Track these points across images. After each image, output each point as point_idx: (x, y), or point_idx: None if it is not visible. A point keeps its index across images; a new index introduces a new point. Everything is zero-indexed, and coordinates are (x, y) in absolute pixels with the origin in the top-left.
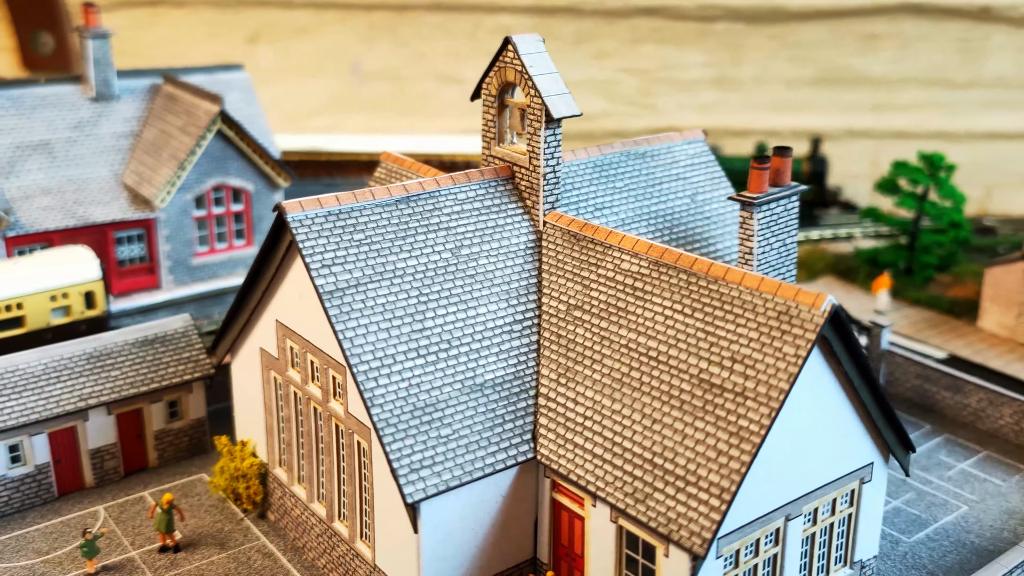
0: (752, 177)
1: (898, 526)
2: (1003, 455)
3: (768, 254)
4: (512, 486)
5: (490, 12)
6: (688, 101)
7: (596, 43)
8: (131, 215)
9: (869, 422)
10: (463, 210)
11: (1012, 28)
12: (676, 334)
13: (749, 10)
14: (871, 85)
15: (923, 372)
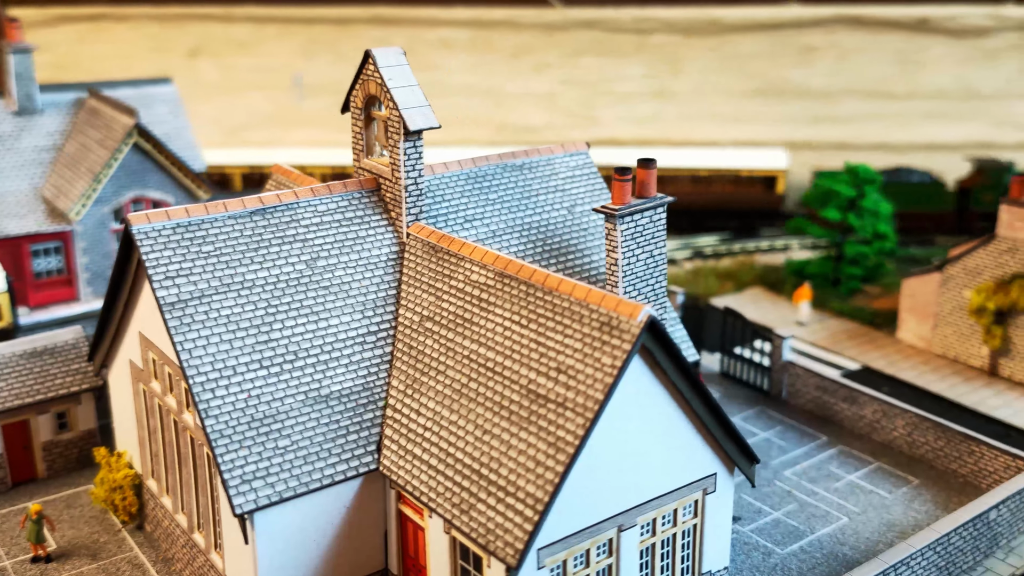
0: (614, 189)
1: (774, 537)
2: (894, 467)
3: (635, 266)
4: (357, 497)
5: (429, 26)
6: (628, 113)
7: (536, 56)
8: (47, 228)
9: (709, 434)
10: (323, 222)
11: (950, 39)
12: (512, 345)
13: (685, 22)
14: (810, 97)
15: (821, 383)
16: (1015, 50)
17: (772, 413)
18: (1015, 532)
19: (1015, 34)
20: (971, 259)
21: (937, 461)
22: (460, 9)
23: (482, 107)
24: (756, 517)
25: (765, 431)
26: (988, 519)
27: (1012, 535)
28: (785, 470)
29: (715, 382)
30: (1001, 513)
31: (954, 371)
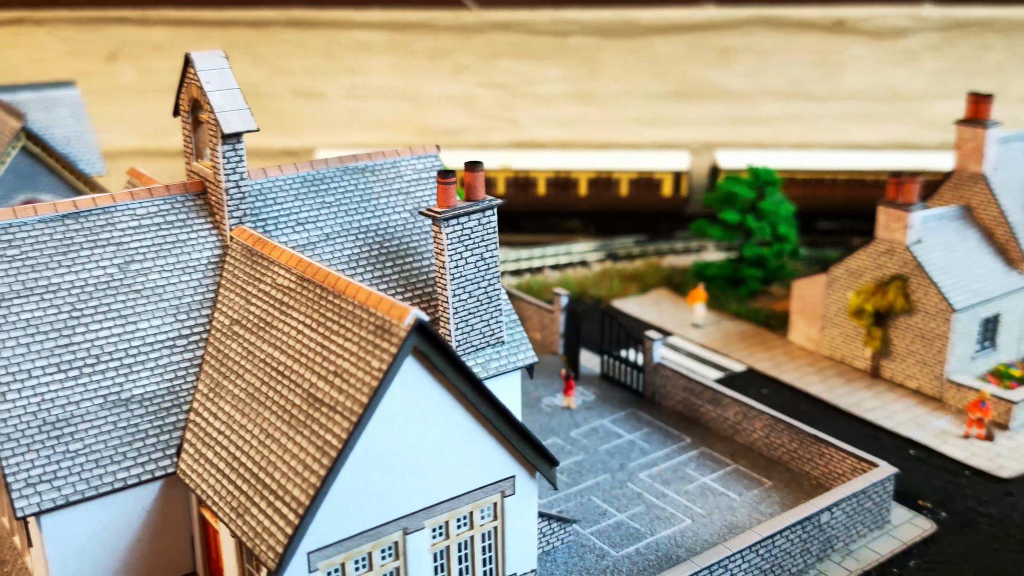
0: (439, 192)
1: (612, 540)
2: (751, 469)
3: (463, 269)
4: (159, 501)
5: (345, 28)
6: (548, 116)
7: (454, 58)
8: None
9: (504, 437)
10: (141, 225)
11: (868, 40)
12: (301, 348)
13: (602, 24)
14: (729, 98)
15: (689, 385)
16: (934, 51)
17: (642, 415)
18: (854, 535)
19: (934, 34)
20: (853, 261)
21: (792, 463)
22: (376, 12)
23: (402, 110)
24: (600, 519)
25: (631, 433)
26: (819, 522)
27: (851, 538)
28: (641, 472)
29: (594, 384)
30: (836, 516)
31: (838, 373)
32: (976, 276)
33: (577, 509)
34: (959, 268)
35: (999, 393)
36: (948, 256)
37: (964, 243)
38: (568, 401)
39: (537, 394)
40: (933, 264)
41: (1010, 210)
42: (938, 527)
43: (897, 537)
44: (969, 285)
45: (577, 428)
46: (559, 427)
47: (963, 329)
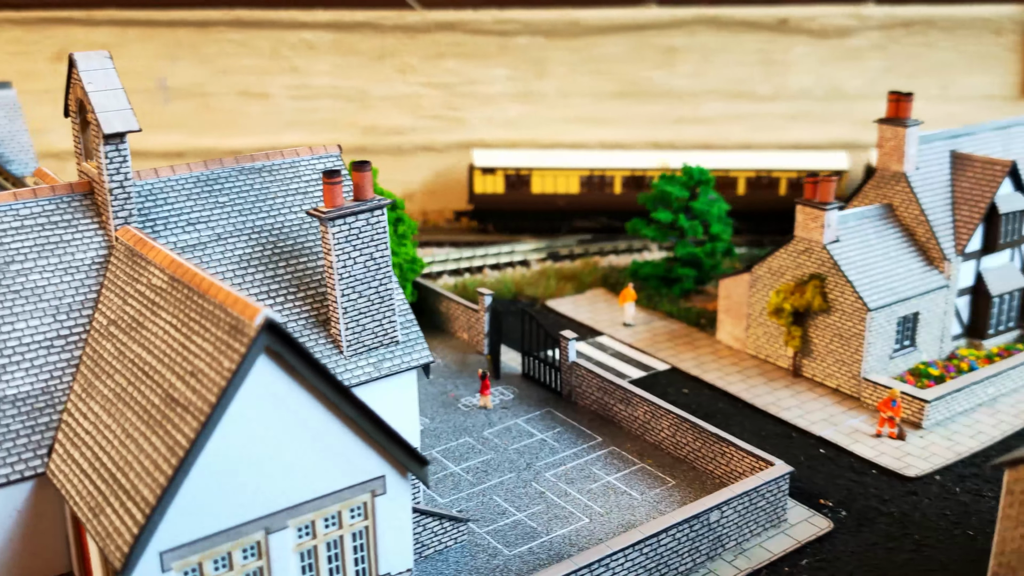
0: (324, 192)
1: (507, 539)
2: (657, 468)
3: (352, 268)
4: (31, 501)
5: (291, 28)
6: (494, 115)
7: (399, 58)
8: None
9: (371, 437)
10: (23, 226)
11: (812, 39)
12: (166, 348)
13: (547, 24)
14: (674, 98)
15: (602, 385)
16: (878, 50)
17: (557, 414)
18: (747, 534)
19: (877, 33)
20: (775, 260)
21: (697, 462)
22: (320, 12)
23: (348, 110)
24: (498, 518)
25: (544, 432)
26: (708, 520)
27: (743, 536)
28: (548, 471)
29: (515, 383)
30: (726, 515)
31: (761, 372)
32: (894, 275)
33: (478, 508)
34: (876, 267)
35: (912, 392)
36: (865, 255)
37: (883, 242)
38: (484, 401)
39: (455, 394)
40: (849, 263)
41: (931, 209)
42: (836, 526)
43: (792, 536)
44: (886, 284)
45: (491, 427)
46: (473, 426)
47: (879, 328)
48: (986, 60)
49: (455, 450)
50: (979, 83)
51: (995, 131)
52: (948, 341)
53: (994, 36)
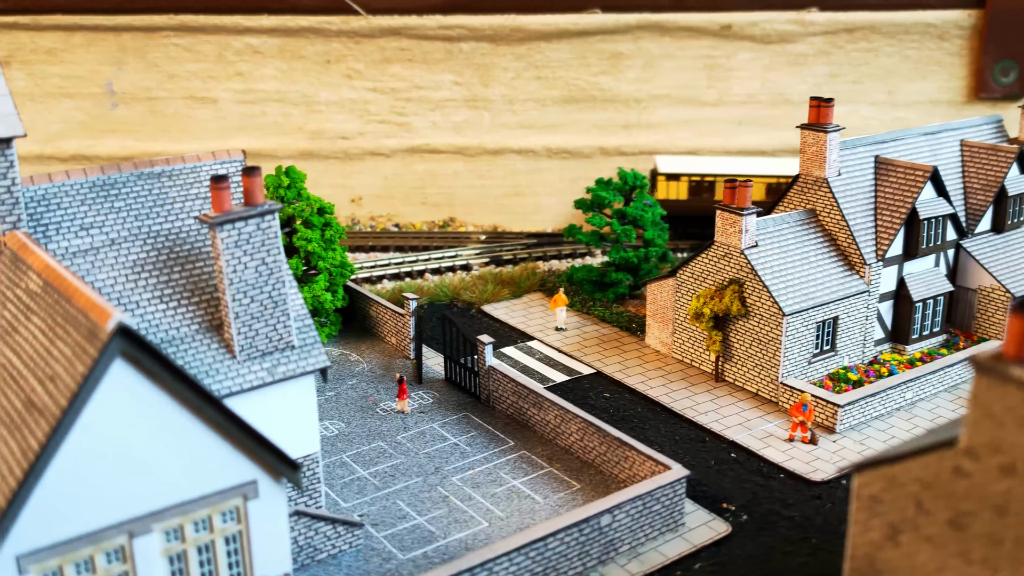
0: (212, 197)
1: (404, 543)
2: (564, 472)
3: (243, 274)
4: None
5: (236, 33)
6: (441, 120)
7: (345, 63)
8: None
9: (239, 441)
10: None
11: (756, 45)
12: (32, 353)
13: (491, 30)
14: (621, 103)
15: (516, 389)
16: (822, 55)
17: (474, 418)
18: (642, 537)
19: (820, 39)
20: (697, 264)
21: (603, 466)
22: (266, 17)
23: (294, 115)
24: (398, 522)
25: (458, 436)
26: (599, 524)
27: (638, 540)
28: (456, 476)
29: (436, 387)
30: (618, 518)
31: (684, 376)
32: (812, 280)
33: (379, 512)
34: (794, 272)
35: (825, 396)
36: (784, 260)
37: (803, 247)
38: (401, 405)
39: (375, 398)
40: (766, 268)
41: (852, 214)
42: (735, 529)
43: (689, 539)
44: (803, 289)
45: (406, 432)
46: (388, 431)
47: (796, 333)
48: (931, 65)
49: (366, 454)
50: (925, 88)
51: (924, 136)
52: (871, 346)
53: (938, 41)
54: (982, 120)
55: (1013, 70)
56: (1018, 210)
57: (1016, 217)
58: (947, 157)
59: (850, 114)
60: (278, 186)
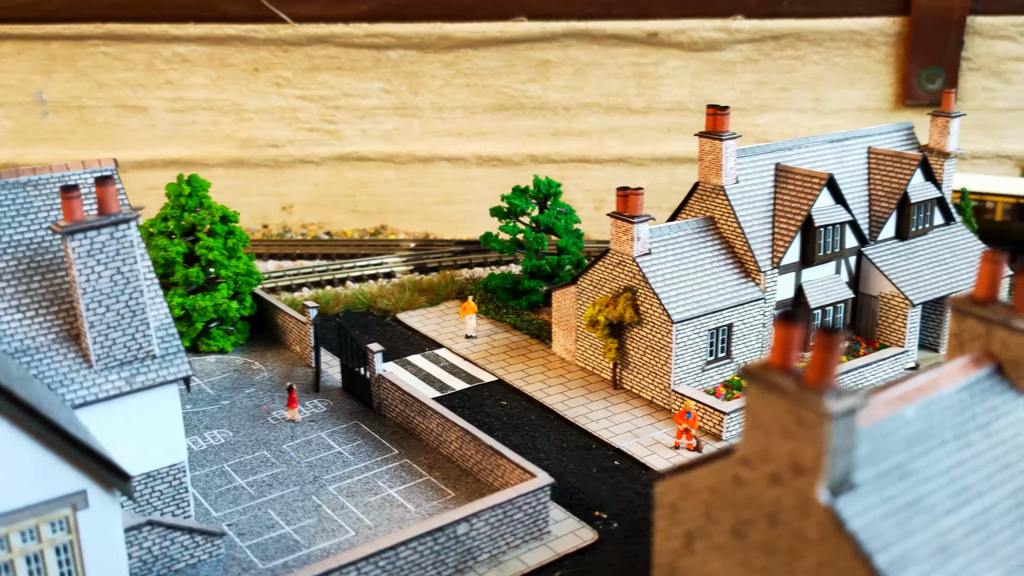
0: (64, 206)
1: (267, 552)
2: (443, 481)
3: (97, 282)
4: None
5: (165, 42)
6: (371, 128)
7: (274, 71)
8: None
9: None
10: None
11: (683, 53)
12: None
13: (418, 38)
14: (549, 111)
15: (403, 398)
16: (749, 63)
17: (363, 427)
18: (503, 546)
19: (747, 47)
20: (595, 272)
21: (480, 475)
22: (192, 26)
23: (224, 123)
24: (265, 532)
25: (343, 445)
26: (456, 533)
27: (499, 549)
28: (333, 485)
29: (333, 396)
30: (476, 527)
31: (584, 384)
32: (705, 287)
33: (249, 522)
34: (687, 280)
35: (712, 403)
36: (677, 268)
37: (698, 255)
38: (292, 414)
39: (268, 407)
40: (657, 276)
41: (749, 222)
42: (603, 537)
43: (553, 548)
44: (695, 296)
45: (293, 440)
46: (275, 440)
47: (686, 340)
48: (858, 72)
49: (248, 463)
50: (853, 95)
51: (830, 144)
52: (768, 352)
53: (864, 48)
54: (893, 127)
55: (939, 77)
56: (922, 217)
57: (920, 224)
58: (853, 164)
59: (779, 121)
60: (179, 195)
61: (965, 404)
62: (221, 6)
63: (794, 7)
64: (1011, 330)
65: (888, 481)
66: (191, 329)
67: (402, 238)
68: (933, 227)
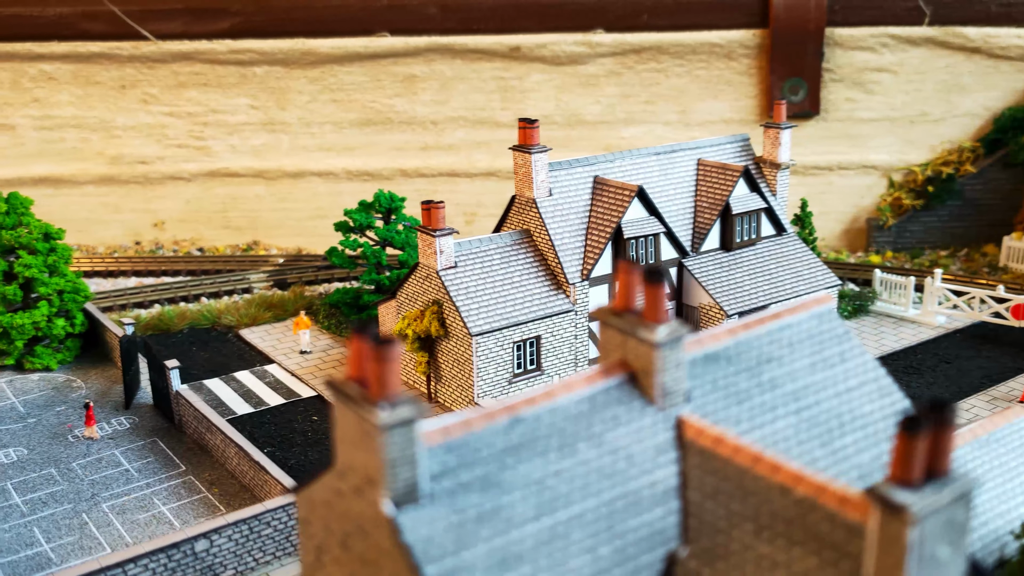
0: None
1: (16, 570)
2: (220, 498)
3: None
4: None
5: (29, 60)
6: (240, 144)
7: (141, 88)
8: None
9: None
10: None
11: (546, 67)
12: None
13: (282, 53)
14: (417, 125)
15: (196, 414)
16: (613, 76)
17: (160, 444)
18: (251, 562)
19: (609, 60)
20: (409, 285)
21: (255, 490)
22: (56, 44)
23: (93, 140)
24: (21, 550)
25: (133, 462)
26: (194, 549)
27: (246, 565)
28: (108, 503)
29: (142, 412)
30: (218, 543)
31: None
32: (511, 300)
33: (10, 540)
34: (492, 292)
35: None
36: (483, 281)
37: (508, 267)
38: (90, 432)
39: (72, 424)
40: (460, 289)
41: (561, 234)
42: None
43: None
44: (498, 309)
45: (85, 458)
46: (67, 457)
47: (488, 353)
48: (721, 84)
49: (31, 481)
50: (717, 107)
51: (655, 156)
52: (584, 364)
53: (726, 61)
54: (728, 139)
55: (801, 88)
56: (747, 228)
57: (746, 235)
58: (679, 176)
59: (645, 134)
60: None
61: (582, 414)
62: (81, 24)
63: (654, 21)
64: (637, 340)
65: (465, 493)
66: (12, 347)
67: (274, 253)
68: (761, 238)
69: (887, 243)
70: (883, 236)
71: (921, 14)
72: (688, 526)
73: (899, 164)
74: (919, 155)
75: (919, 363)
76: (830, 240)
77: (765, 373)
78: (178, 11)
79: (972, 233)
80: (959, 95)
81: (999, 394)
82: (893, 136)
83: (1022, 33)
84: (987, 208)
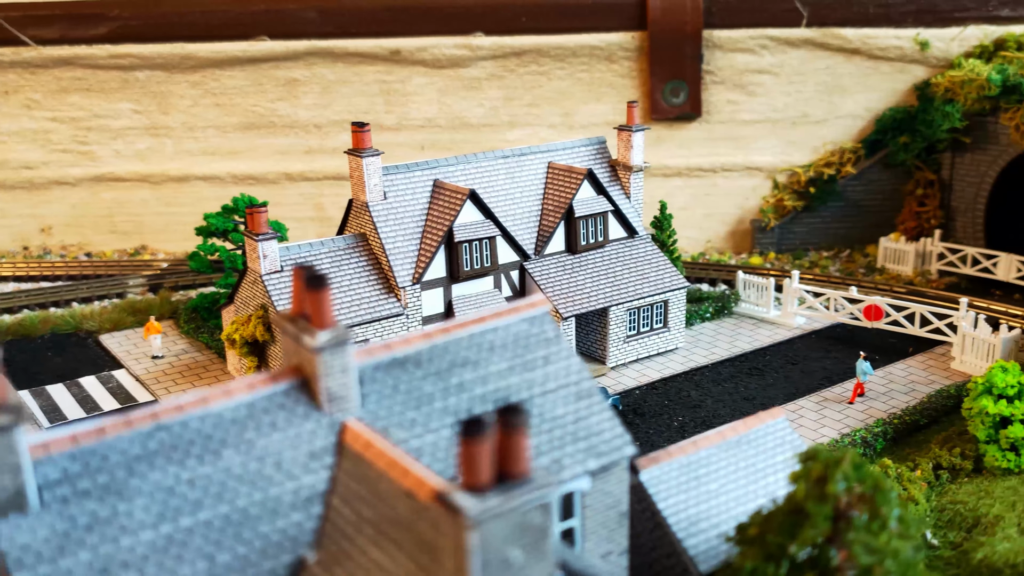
0: None
1: None
2: None
3: None
4: None
5: None
6: (124, 148)
7: (23, 94)
8: None
9: None
10: None
11: (428, 70)
12: None
13: (161, 58)
14: (300, 129)
15: None
16: (495, 79)
17: None
18: None
19: (491, 63)
20: (242, 290)
21: None
22: None
23: None
24: None
25: None
26: None
27: None
28: None
29: None
30: None
31: None
32: (338, 304)
33: None
34: None
35: None
36: None
37: (339, 272)
38: None
39: None
40: (284, 294)
41: (394, 238)
42: None
43: None
44: None
45: None
46: None
47: None
48: (603, 87)
49: None
50: (600, 110)
51: (503, 159)
52: None
53: (607, 63)
54: (583, 142)
55: (683, 90)
56: (592, 232)
57: (592, 238)
58: (528, 180)
59: (529, 136)
60: None
61: (237, 420)
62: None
63: (533, 23)
64: (301, 346)
65: (81, 500)
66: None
67: (161, 258)
68: (610, 240)
69: (770, 244)
70: (766, 238)
71: (799, 15)
72: (324, 531)
73: (783, 165)
74: (802, 156)
75: (765, 364)
76: (716, 242)
77: (455, 377)
78: (57, 16)
79: (855, 234)
80: (840, 96)
81: (832, 395)
82: (776, 138)
83: (900, 34)
84: (868, 209)
